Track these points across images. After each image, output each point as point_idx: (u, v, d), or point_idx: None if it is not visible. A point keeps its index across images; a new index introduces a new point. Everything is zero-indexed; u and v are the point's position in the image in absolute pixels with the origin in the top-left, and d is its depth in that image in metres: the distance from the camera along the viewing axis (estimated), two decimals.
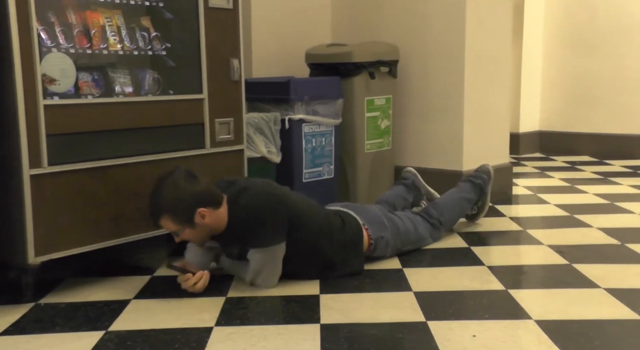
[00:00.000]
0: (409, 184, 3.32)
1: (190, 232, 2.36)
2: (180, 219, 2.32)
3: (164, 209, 2.31)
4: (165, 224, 2.34)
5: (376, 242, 2.71)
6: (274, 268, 2.44)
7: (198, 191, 2.34)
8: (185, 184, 2.32)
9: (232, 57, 2.87)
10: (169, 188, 2.31)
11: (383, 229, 2.75)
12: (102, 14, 2.58)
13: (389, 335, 2.02)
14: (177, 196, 2.30)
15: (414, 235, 2.90)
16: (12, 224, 2.30)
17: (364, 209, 2.82)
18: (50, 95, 2.35)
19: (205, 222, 2.35)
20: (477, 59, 3.87)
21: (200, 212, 2.33)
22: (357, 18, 4.25)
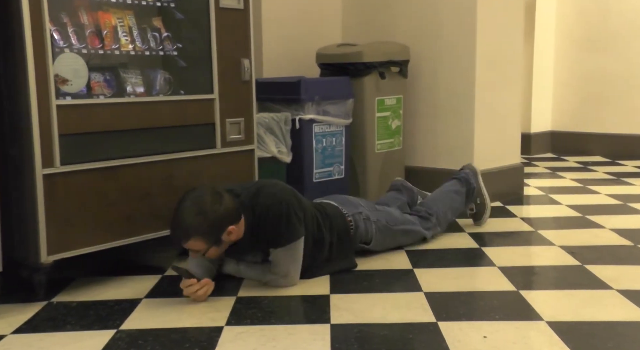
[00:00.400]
0: (398, 187, 3.30)
1: (214, 250, 2.35)
2: (211, 240, 2.31)
3: (196, 232, 2.27)
4: (194, 244, 2.31)
5: (354, 219, 2.72)
6: (299, 265, 2.46)
7: (227, 210, 2.32)
8: (215, 204, 2.29)
9: (242, 57, 2.87)
10: (200, 211, 2.27)
11: (357, 206, 2.78)
12: (114, 15, 2.59)
13: (399, 336, 2.02)
14: (210, 218, 2.27)
15: (400, 217, 2.92)
16: (25, 223, 2.32)
17: (339, 196, 2.90)
18: (63, 96, 2.36)
19: (231, 238, 2.36)
20: (488, 59, 3.86)
21: (230, 230, 2.33)
22: (367, 18, 4.25)
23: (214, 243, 2.32)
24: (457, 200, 3.20)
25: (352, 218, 2.72)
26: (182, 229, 2.28)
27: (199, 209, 2.27)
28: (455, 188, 3.22)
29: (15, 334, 2.08)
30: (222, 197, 2.33)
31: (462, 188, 3.22)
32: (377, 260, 2.79)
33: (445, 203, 3.14)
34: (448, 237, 3.17)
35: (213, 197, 2.31)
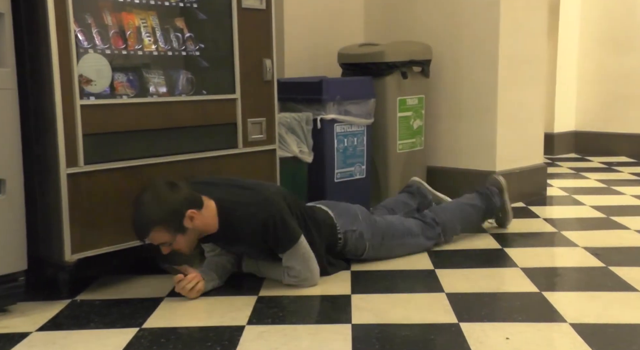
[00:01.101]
0: (413, 190, 3.23)
1: (181, 239, 2.31)
2: (172, 227, 2.27)
3: (154, 221, 2.25)
4: (158, 236, 2.29)
5: (345, 236, 2.65)
6: (311, 263, 2.44)
7: (183, 196, 2.30)
8: (168, 192, 2.28)
9: (264, 57, 2.88)
10: (153, 200, 2.26)
11: (354, 220, 2.69)
12: (137, 15, 2.61)
13: (420, 337, 2.01)
14: (164, 205, 2.26)
15: (400, 228, 2.81)
16: (49, 222, 2.35)
17: (336, 204, 2.79)
18: (87, 96, 2.39)
19: (195, 224, 2.32)
20: (511, 58, 3.82)
21: (189, 214, 2.29)
22: (390, 18, 4.24)
23: (177, 230, 2.28)
24: (471, 214, 3.09)
25: (343, 235, 2.65)
26: (140, 223, 2.27)
27: (152, 198, 2.27)
28: (473, 202, 3.11)
29: (39, 331, 2.10)
30: (175, 186, 2.32)
31: (481, 204, 3.11)
32: (398, 261, 2.78)
33: (456, 214, 3.02)
34: (470, 237, 3.15)
35: (166, 186, 2.30)
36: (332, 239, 2.63)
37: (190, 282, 2.32)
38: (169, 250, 2.34)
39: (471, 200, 3.12)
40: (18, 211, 2.21)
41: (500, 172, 3.83)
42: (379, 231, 2.73)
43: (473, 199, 3.13)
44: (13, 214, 2.19)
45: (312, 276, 2.45)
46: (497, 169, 3.83)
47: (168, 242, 2.30)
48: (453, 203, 3.13)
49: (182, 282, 2.32)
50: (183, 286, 2.32)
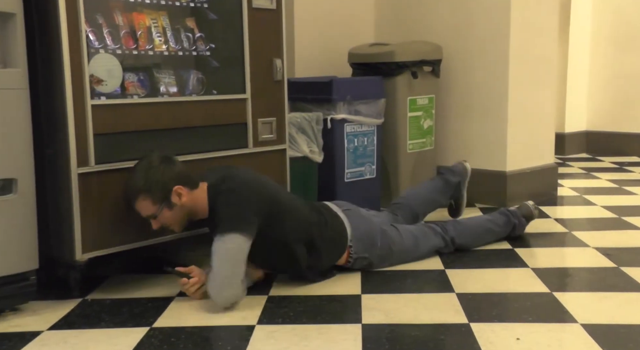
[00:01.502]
0: (453, 182, 3.17)
1: (168, 213, 2.30)
2: (157, 197, 2.27)
3: (140, 188, 2.26)
4: (143, 205, 2.29)
5: (355, 261, 2.59)
6: (234, 271, 2.20)
7: (174, 170, 2.32)
8: (160, 164, 2.30)
9: (275, 57, 2.88)
10: (143, 169, 2.29)
11: (370, 248, 2.59)
12: (148, 16, 2.62)
13: (431, 337, 2.01)
14: (153, 175, 2.27)
15: (412, 255, 2.72)
16: (60, 221, 2.36)
17: (360, 219, 2.64)
18: (98, 96, 2.40)
19: (182, 201, 2.31)
20: (522, 58, 3.81)
21: (177, 189, 2.29)
22: (400, 17, 4.23)
23: (162, 202, 2.28)
24: (489, 240, 2.99)
25: (354, 261, 2.58)
26: (127, 190, 2.29)
27: (143, 168, 2.29)
28: (498, 229, 3.00)
29: (51, 330, 2.12)
30: (170, 160, 2.33)
31: (503, 232, 3.01)
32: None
33: (476, 240, 2.94)
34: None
35: (160, 158, 2.32)
36: (337, 253, 2.55)
37: (193, 285, 2.31)
38: (157, 225, 2.33)
39: (498, 226, 3.00)
40: (29, 210, 2.22)
41: (511, 172, 3.83)
42: (389, 259, 2.65)
43: (500, 226, 3.00)
44: (24, 214, 2.20)
45: (222, 285, 2.20)
46: (508, 168, 3.82)
47: (153, 213, 2.30)
48: (482, 228, 2.98)
49: (186, 285, 2.31)
50: (187, 289, 2.32)
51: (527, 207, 3.12)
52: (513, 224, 3.04)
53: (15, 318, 2.21)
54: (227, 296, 2.21)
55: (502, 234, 3.04)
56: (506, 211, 3.09)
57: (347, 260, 2.58)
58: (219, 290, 2.20)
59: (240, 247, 2.23)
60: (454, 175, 3.22)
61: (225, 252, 2.22)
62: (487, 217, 3.06)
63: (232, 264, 2.21)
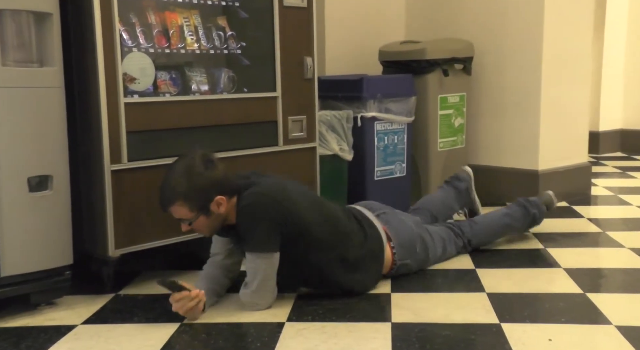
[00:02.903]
0: (462, 189, 3.08)
1: (203, 220, 2.22)
2: (196, 205, 2.17)
3: (180, 194, 2.16)
4: (179, 210, 2.19)
5: (399, 268, 2.50)
6: (261, 279, 2.20)
7: (217, 177, 2.21)
8: (203, 169, 2.18)
9: (305, 55, 2.89)
10: (186, 172, 2.17)
11: (412, 254, 2.52)
12: (180, 14, 2.64)
13: (461, 336, 1.99)
14: (195, 181, 2.16)
15: (442, 257, 2.70)
16: (93, 217, 2.40)
17: (400, 224, 2.56)
18: (131, 94, 2.43)
19: (220, 211, 2.22)
20: (555, 55, 3.75)
21: (218, 200, 2.20)
22: (431, 15, 4.20)
23: (200, 210, 2.18)
24: (507, 234, 2.99)
25: (397, 266, 2.49)
26: (166, 192, 2.19)
27: (185, 170, 2.18)
28: (516, 224, 2.95)
29: (84, 324, 2.15)
30: (212, 163, 2.22)
31: (522, 226, 2.98)
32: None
33: (492, 237, 2.92)
34: (511, 237, 3.10)
35: (203, 161, 2.20)
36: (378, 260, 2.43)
37: (193, 300, 2.11)
38: (187, 228, 2.25)
39: (515, 221, 2.95)
40: (64, 207, 2.26)
41: (543, 170, 3.78)
42: (424, 264, 2.61)
43: (517, 220, 2.95)
44: (59, 210, 2.24)
45: (260, 295, 2.23)
46: (540, 167, 3.77)
47: (189, 219, 2.21)
48: (498, 225, 2.93)
49: (184, 299, 2.10)
50: (184, 304, 2.11)
51: (547, 195, 3.08)
52: (532, 215, 2.97)
53: (51, 312, 2.26)
54: (264, 306, 2.24)
55: (522, 228, 3.00)
56: (524, 201, 3.01)
57: (391, 267, 2.48)
58: (254, 303, 2.23)
59: (267, 266, 2.21)
60: (460, 181, 3.11)
61: (256, 274, 2.20)
62: (504, 211, 2.99)
63: (261, 281, 2.21)
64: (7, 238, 2.11)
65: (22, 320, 2.19)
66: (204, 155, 2.22)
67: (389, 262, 2.47)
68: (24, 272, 2.16)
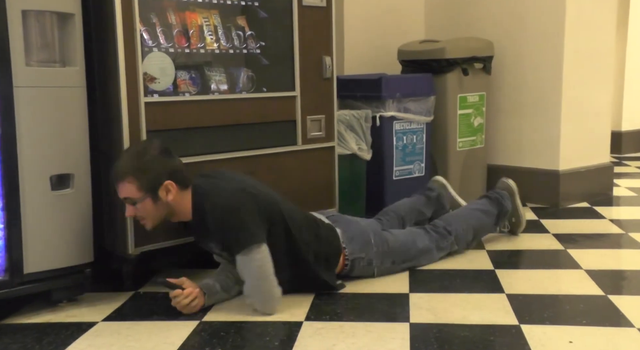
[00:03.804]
0: (432, 196, 3.02)
1: (149, 204, 2.18)
2: (144, 185, 2.16)
3: (132, 170, 2.15)
4: (127, 187, 2.16)
5: (352, 263, 2.45)
6: (262, 276, 2.16)
7: (170, 164, 2.22)
8: (158, 153, 2.20)
9: (324, 55, 2.89)
10: (141, 152, 2.20)
11: (365, 247, 2.47)
12: (200, 14, 2.66)
13: (480, 338, 1.98)
14: (148, 161, 2.17)
15: (413, 250, 2.62)
16: (114, 216, 2.42)
17: (350, 223, 2.55)
18: (151, 93, 2.44)
19: (168, 199, 2.19)
20: (577, 54, 3.72)
21: (167, 184, 2.18)
22: (451, 14, 4.18)
23: (148, 192, 2.16)
24: (483, 221, 2.90)
25: (351, 262, 2.45)
26: (117, 167, 2.19)
27: (138, 150, 2.21)
28: (485, 208, 2.92)
29: (105, 321, 2.17)
30: (169, 153, 2.23)
31: (492, 209, 2.92)
32: (458, 260, 2.75)
33: (468, 223, 2.83)
34: (531, 237, 3.08)
35: (160, 147, 2.22)
36: (333, 262, 2.42)
37: (186, 297, 2.17)
38: (132, 212, 2.21)
39: (482, 205, 2.94)
40: (85, 205, 2.28)
41: (564, 171, 3.74)
42: (390, 256, 2.54)
43: (484, 205, 2.94)
44: (80, 208, 2.27)
45: (264, 299, 2.19)
46: (561, 167, 3.74)
47: (134, 199, 2.17)
48: (464, 210, 2.94)
49: (178, 297, 2.16)
50: (179, 301, 2.17)
51: (501, 181, 3.08)
52: (495, 199, 2.96)
53: (72, 309, 2.28)
54: (273, 305, 2.20)
55: (493, 213, 2.92)
56: (483, 194, 3.08)
57: (343, 264, 2.45)
58: (264, 304, 2.18)
59: (263, 260, 2.16)
60: (432, 190, 3.06)
61: (255, 269, 2.16)
62: (468, 204, 3.01)
63: (264, 278, 2.16)
64: (29, 236, 2.13)
65: (44, 316, 2.22)
66: (162, 144, 2.24)
67: (341, 261, 2.44)
68: (45, 269, 2.19)
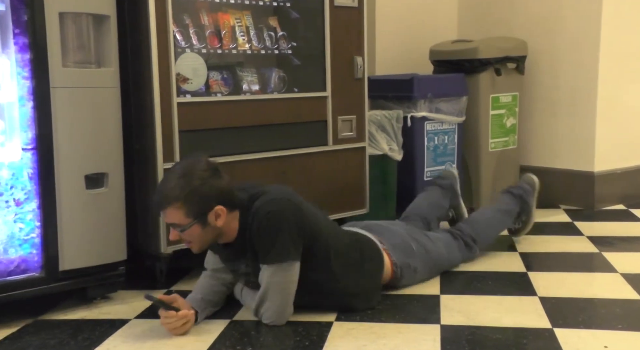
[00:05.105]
0: (445, 185, 2.93)
1: (197, 230, 2.02)
2: (193, 211, 1.99)
3: (179, 196, 1.97)
4: (174, 213, 2.00)
5: (402, 269, 2.35)
6: (283, 294, 2.06)
7: (220, 186, 2.03)
8: (208, 175, 2.01)
9: (356, 55, 2.89)
10: (189, 175, 1.99)
11: (410, 254, 2.40)
12: (233, 15, 2.68)
13: (512, 341, 1.96)
14: (198, 185, 1.98)
15: (446, 261, 2.57)
16: (147, 214, 2.45)
17: (388, 231, 2.46)
18: (183, 93, 2.47)
19: (217, 223, 2.03)
20: (613, 53, 3.65)
21: (217, 210, 2.01)
22: (484, 13, 4.14)
23: (196, 218, 1.99)
24: (505, 223, 2.88)
25: (400, 270, 2.35)
26: (163, 192, 2.01)
27: (186, 172, 2.00)
28: (507, 207, 2.86)
29: (138, 318, 2.20)
30: (218, 172, 2.04)
31: (515, 207, 2.86)
32: (490, 262, 2.72)
33: (494, 227, 2.81)
34: (565, 240, 3.04)
35: (207, 166, 2.03)
36: (378, 272, 2.31)
37: (180, 320, 2.03)
38: (177, 237, 2.05)
39: (505, 204, 2.87)
40: (119, 204, 2.31)
41: (599, 172, 3.68)
42: (429, 264, 2.47)
43: (507, 203, 2.87)
44: (114, 207, 2.30)
45: (277, 311, 2.07)
46: (596, 169, 3.67)
47: (182, 226, 2.01)
48: (495, 216, 2.84)
49: (170, 318, 2.03)
50: (170, 322, 2.03)
51: (526, 176, 2.98)
52: (519, 196, 2.87)
53: (106, 306, 2.32)
54: (282, 321, 2.09)
55: (515, 210, 2.87)
56: (507, 189, 2.95)
57: (392, 271, 2.34)
58: (274, 319, 2.08)
59: (289, 278, 2.06)
60: (443, 179, 2.98)
61: (277, 285, 2.05)
62: (494, 205, 2.93)
63: (283, 296, 2.07)
64: (65, 234, 2.17)
65: (79, 313, 2.25)
66: (209, 162, 2.05)
67: (389, 267, 2.34)
68: (80, 266, 2.22)
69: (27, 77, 2.08)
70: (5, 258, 2.10)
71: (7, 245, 2.10)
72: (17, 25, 2.04)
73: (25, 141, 2.10)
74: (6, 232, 2.09)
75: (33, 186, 2.13)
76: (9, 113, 2.08)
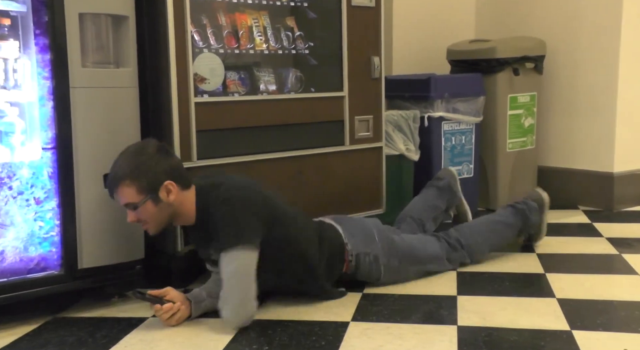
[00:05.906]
0: (442, 186, 2.88)
1: (151, 207, 2.07)
2: (144, 187, 2.05)
3: (127, 173, 2.04)
4: (126, 191, 2.06)
5: (357, 258, 2.34)
6: (240, 283, 2.03)
7: (169, 163, 2.11)
8: (155, 153, 2.09)
9: (373, 55, 2.88)
10: (136, 153, 2.08)
11: (369, 242, 2.37)
12: (250, 15, 2.68)
13: (530, 343, 1.94)
14: (145, 162, 2.06)
15: (422, 254, 2.50)
16: None
17: (351, 220, 2.48)
18: (201, 93, 2.48)
19: (169, 199, 2.08)
20: (634, 52, 3.61)
21: (167, 185, 2.06)
22: (501, 12, 4.12)
23: (148, 194, 2.05)
24: (503, 235, 2.75)
25: (355, 258, 2.35)
26: (114, 172, 2.08)
27: (136, 151, 2.09)
28: (508, 220, 2.75)
29: (155, 316, 2.20)
30: (167, 152, 2.13)
31: (517, 221, 2.75)
32: (507, 263, 2.71)
33: (486, 237, 2.69)
34: (584, 241, 3.01)
35: (156, 146, 2.11)
36: (339, 262, 2.35)
37: (166, 312, 2.08)
38: (134, 217, 2.11)
39: (505, 217, 2.77)
40: None
41: (619, 173, 3.64)
42: (396, 254, 2.43)
43: (508, 217, 2.76)
44: None
45: (236, 305, 2.04)
46: (615, 170, 3.64)
47: (135, 203, 2.07)
48: (484, 223, 2.76)
49: (158, 311, 2.09)
50: (160, 315, 2.10)
51: (534, 191, 2.87)
52: (521, 210, 2.76)
53: (123, 304, 2.33)
54: (243, 319, 2.06)
55: (517, 226, 2.76)
56: (510, 203, 2.85)
57: (347, 261, 2.35)
58: (233, 314, 2.05)
59: (247, 263, 2.04)
60: (440, 179, 2.93)
61: (234, 272, 2.03)
62: (491, 215, 2.85)
63: (242, 284, 2.04)
64: (84, 232, 2.19)
65: (97, 311, 2.27)
66: (159, 143, 2.14)
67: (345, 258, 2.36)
68: (99, 265, 2.24)
69: (47, 77, 2.10)
70: (25, 256, 2.12)
71: (27, 243, 2.12)
72: (38, 26, 2.06)
73: (45, 140, 2.12)
74: (26, 230, 2.12)
75: (53, 185, 2.15)
76: (30, 113, 2.10)
